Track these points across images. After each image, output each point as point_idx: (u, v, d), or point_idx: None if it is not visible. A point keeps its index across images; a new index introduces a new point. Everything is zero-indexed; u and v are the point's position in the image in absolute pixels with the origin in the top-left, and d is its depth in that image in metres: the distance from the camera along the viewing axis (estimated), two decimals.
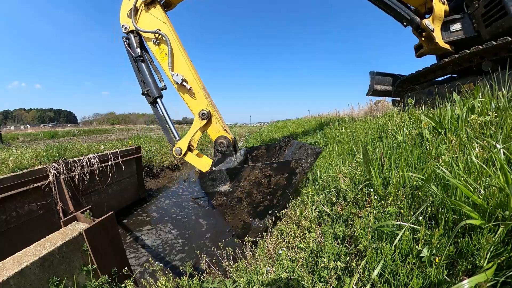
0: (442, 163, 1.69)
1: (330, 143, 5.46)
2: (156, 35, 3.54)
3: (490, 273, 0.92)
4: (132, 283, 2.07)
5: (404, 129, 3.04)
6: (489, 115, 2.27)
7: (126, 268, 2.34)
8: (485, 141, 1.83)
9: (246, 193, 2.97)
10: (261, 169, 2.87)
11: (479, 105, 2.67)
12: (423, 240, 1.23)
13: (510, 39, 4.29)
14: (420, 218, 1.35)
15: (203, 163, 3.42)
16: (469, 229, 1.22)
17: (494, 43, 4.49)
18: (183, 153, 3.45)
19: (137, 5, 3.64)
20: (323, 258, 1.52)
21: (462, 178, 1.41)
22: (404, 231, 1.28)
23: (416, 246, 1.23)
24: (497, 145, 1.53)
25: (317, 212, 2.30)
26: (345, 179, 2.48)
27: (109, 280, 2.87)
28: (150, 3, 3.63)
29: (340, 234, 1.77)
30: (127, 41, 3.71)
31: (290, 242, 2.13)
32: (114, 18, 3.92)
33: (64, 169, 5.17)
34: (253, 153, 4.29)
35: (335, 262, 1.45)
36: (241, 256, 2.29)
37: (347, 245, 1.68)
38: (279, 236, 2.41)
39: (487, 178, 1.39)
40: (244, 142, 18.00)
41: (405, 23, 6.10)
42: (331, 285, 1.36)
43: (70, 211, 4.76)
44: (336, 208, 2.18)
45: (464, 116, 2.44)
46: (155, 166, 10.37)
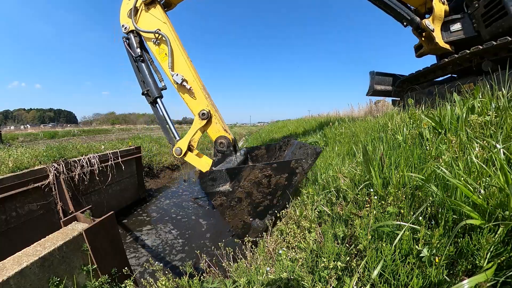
0: (442, 163, 1.69)
1: (330, 143, 5.46)
2: (156, 35, 3.54)
3: (490, 273, 0.92)
4: (132, 283, 2.07)
5: (404, 129, 3.04)
6: (489, 115, 2.27)
7: (126, 268, 2.34)
8: (485, 141, 1.83)
9: (246, 193, 2.97)
10: (261, 169, 2.87)
11: (479, 105, 2.67)
12: (423, 240, 1.23)
13: (510, 39, 4.29)
14: (420, 218, 1.35)
15: (203, 163, 3.42)
16: (469, 229, 1.22)
17: (494, 43, 4.49)
18: (183, 153, 3.44)
19: (137, 5, 3.64)
20: (323, 258, 1.52)
21: (462, 178, 1.41)
22: (404, 231, 1.28)
23: (416, 246, 1.23)
24: (497, 145, 1.53)
25: (317, 212, 2.30)
26: (345, 179, 2.48)
27: (109, 280, 2.87)
28: (150, 3, 3.63)
29: (340, 234, 1.77)
30: (127, 41, 3.71)
31: (290, 242, 2.13)
32: (114, 18, 3.92)
33: (64, 169, 5.17)
34: (253, 153, 4.29)
35: (335, 262, 1.45)
36: (241, 256, 2.29)
37: (347, 245, 1.68)
38: (279, 236, 2.41)
39: (487, 178, 1.39)
40: (244, 142, 17.99)
41: (405, 23, 6.11)
42: (331, 285, 1.36)
43: (70, 211, 4.76)
44: (336, 208, 2.18)
45: (464, 116, 2.44)
46: (155, 166, 10.37)
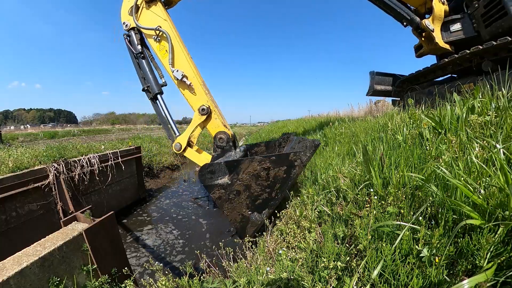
0: (442, 163, 1.69)
1: (330, 143, 5.46)
2: (157, 32, 3.55)
3: (490, 273, 0.92)
4: (132, 283, 2.07)
5: (404, 129, 3.04)
6: (489, 115, 2.27)
7: (126, 268, 2.34)
8: (485, 141, 1.83)
9: (244, 186, 2.95)
10: (259, 161, 2.86)
11: (479, 105, 2.67)
12: (423, 240, 1.23)
13: (510, 39, 4.29)
14: (420, 218, 1.35)
15: (203, 159, 3.43)
16: (469, 229, 1.22)
17: (494, 43, 4.49)
18: (182, 148, 3.45)
19: (138, 2, 3.66)
20: (323, 258, 1.51)
21: (462, 178, 1.41)
22: (404, 231, 1.28)
23: (416, 246, 1.23)
24: (497, 145, 1.53)
25: (317, 212, 2.29)
26: (345, 179, 2.48)
27: (109, 280, 2.87)
28: (151, 0, 3.64)
29: (340, 234, 1.77)
30: (128, 38, 3.73)
31: (290, 242, 2.13)
32: (114, 18, 3.93)
33: (64, 169, 5.17)
34: (252, 150, 4.29)
35: (335, 262, 1.45)
36: (241, 256, 2.29)
37: (347, 245, 1.68)
38: (279, 236, 2.41)
39: (487, 178, 1.39)
40: (244, 142, 18.00)
41: (405, 23, 6.11)
42: (331, 285, 1.36)
43: (70, 211, 4.76)
44: (336, 208, 2.18)
45: (464, 116, 2.44)
46: (155, 166, 10.37)
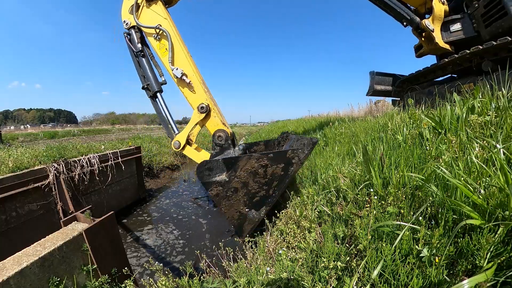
0: (442, 163, 1.69)
1: (330, 143, 5.46)
2: (157, 30, 3.56)
3: (490, 273, 0.92)
4: (132, 283, 2.07)
5: (404, 129, 3.04)
6: (489, 115, 2.27)
7: (126, 268, 2.33)
8: (485, 141, 1.83)
9: (242, 183, 2.95)
10: (257, 158, 2.85)
11: (479, 105, 2.67)
12: (423, 240, 1.23)
13: (510, 39, 4.29)
14: (420, 218, 1.35)
15: (202, 157, 3.43)
16: (469, 229, 1.22)
17: (494, 43, 4.49)
18: (181, 146, 3.46)
19: (139, 1, 3.67)
20: (323, 258, 1.52)
21: (462, 178, 1.41)
22: (404, 231, 1.28)
23: (416, 246, 1.23)
24: (497, 145, 1.53)
25: (317, 212, 2.30)
26: (345, 179, 2.48)
27: (109, 280, 2.87)
28: None
29: (340, 234, 1.77)
30: (129, 36, 3.74)
31: (290, 242, 2.13)
32: (114, 18, 3.93)
33: (64, 169, 5.17)
34: (252, 148, 4.29)
35: (335, 262, 1.45)
36: (241, 256, 2.29)
37: (347, 245, 1.68)
38: (279, 236, 2.41)
39: (487, 178, 1.39)
40: (244, 141, 18.01)
41: (405, 23, 6.11)
42: (331, 285, 1.36)
43: (70, 211, 4.75)
44: (336, 208, 2.18)
45: (464, 116, 2.44)
46: (155, 166, 10.36)
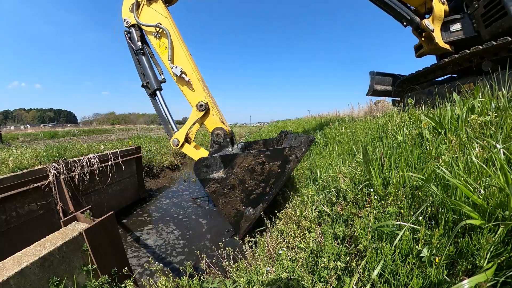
0: (442, 163, 1.69)
1: (330, 143, 5.46)
2: (157, 28, 3.57)
3: (490, 273, 0.92)
4: (132, 283, 2.07)
5: (404, 129, 3.04)
6: (489, 115, 2.27)
7: (126, 268, 2.33)
8: (485, 141, 1.83)
9: (239, 180, 2.97)
10: (254, 156, 2.87)
11: (479, 105, 2.67)
12: (423, 240, 1.23)
13: (510, 39, 4.29)
14: (420, 218, 1.35)
15: (200, 155, 3.44)
16: (469, 229, 1.22)
17: (494, 43, 4.49)
18: (180, 144, 3.47)
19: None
20: (323, 258, 1.52)
21: (462, 178, 1.41)
22: (404, 231, 1.28)
23: (416, 246, 1.23)
24: (497, 145, 1.53)
25: (317, 212, 2.30)
26: (345, 179, 2.48)
27: (109, 280, 2.87)
28: None
29: (340, 234, 1.77)
30: (129, 34, 3.76)
31: (290, 242, 2.13)
32: (114, 18, 3.94)
33: (64, 169, 5.17)
34: (250, 147, 4.30)
35: (335, 262, 1.45)
36: (241, 256, 2.29)
37: (347, 245, 1.68)
38: (279, 236, 2.41)
39: (487, 178, 1.39)
40: (244, 141, 18.01)
41: (405, 23, 6.11)
42: (331, 285, 1.36)
43: (70, 211, 4.75)
44: (336, 208, 2.18)
45: (464, 116, 2.44)
46: (155, 166, 10.36)
